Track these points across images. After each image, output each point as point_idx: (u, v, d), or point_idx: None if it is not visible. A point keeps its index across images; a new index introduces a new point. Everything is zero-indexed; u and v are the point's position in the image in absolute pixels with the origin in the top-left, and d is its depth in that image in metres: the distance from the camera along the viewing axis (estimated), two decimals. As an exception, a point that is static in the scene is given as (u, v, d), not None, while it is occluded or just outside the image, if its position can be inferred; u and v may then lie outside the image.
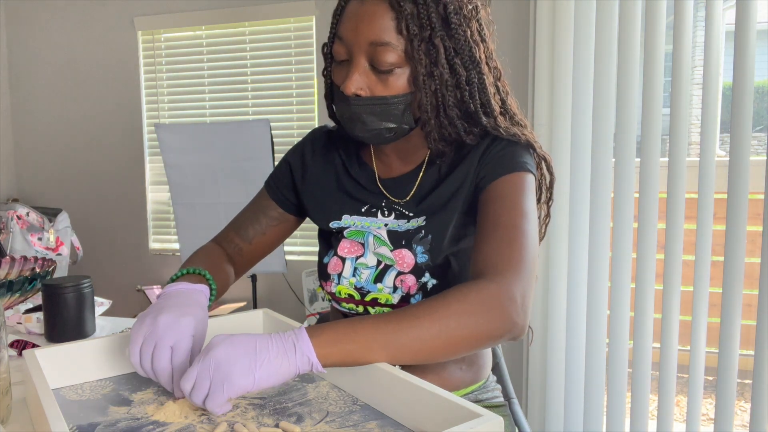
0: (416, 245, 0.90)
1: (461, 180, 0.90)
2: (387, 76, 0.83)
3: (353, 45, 0.83)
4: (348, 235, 0.95)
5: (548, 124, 1.93)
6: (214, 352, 0.65)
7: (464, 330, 0.70)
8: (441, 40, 0.83)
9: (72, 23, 3.00)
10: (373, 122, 0.86)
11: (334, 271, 0.96)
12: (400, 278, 0.90)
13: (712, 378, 1.80)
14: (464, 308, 0.71)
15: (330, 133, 1.06)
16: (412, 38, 0.81)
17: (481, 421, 0.56)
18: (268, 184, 1.07)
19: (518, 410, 1.12)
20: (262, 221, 1.05)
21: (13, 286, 1.06)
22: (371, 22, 0.81)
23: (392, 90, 0.84)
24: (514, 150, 0.89)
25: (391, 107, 0.85)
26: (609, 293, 1.89)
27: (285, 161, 1.07)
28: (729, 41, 1.71)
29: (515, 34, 2.10)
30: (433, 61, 0.83)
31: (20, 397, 0.77)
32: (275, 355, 0.66)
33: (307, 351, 0.67)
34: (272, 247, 1.07)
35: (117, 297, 1.56)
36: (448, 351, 0.72)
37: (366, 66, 0.84)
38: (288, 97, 2.75)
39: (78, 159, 3.08)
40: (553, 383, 1.98)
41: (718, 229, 1.71)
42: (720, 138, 2.35)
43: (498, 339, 0.73)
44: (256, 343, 0.66)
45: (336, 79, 0.88)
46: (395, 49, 0.82)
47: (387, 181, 0.97)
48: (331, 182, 1.01)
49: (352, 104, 0.85)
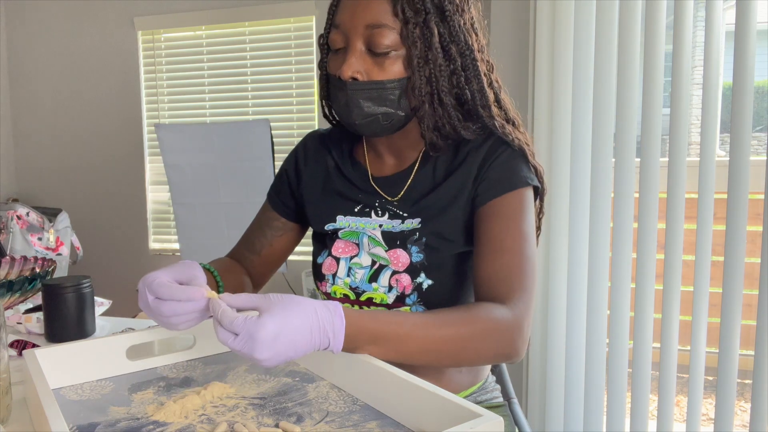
0: (411, 245, 0.90)
1: (460, 185, 0.90)
2: (383, 59, 0.85)
3: (350, 29, 0.85)
4: (342, 236, 0.96)
5: (548, 124, 1.93)
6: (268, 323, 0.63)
7: (479, 351, 0.77)
8: (435, 25, 0.85)
9: (72, 23, 3.00)
10: (369, 107, 0.86)
11: (329, 272, 0.96)
12: (395, 278, 0.90)
13: (712, 378, 1.80)
14: (486, 329, 0.77)
15: (323, 137, 1.06)
16: (407, 21, 0.83)
17: (481, 421, 0.56)
18: (269, 195, 1.09)
19: (518, 410, 1.12)
20: (267, 233, 1.06)
21: (13, 286, 1.06)
22: (367, 5, 0.84)
23: (388, 74, 0.85)
24: (515, 164, 0.90)
25: (387, 92, 0.85)
26: (609, 293, 1.89)
27: (282, 170, 1.08)
28: (729, 41, 1.71)
29: (515, 34, 2.10)
30: (428, 45, 0.84)
31: (20, 397, 0.77)
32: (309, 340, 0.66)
33: (335, 348, 0.68)
34: (283, 257, 1.09)
35: (117, 297, 1.55)
36: (452, 363, 0.82)
37: (362, 50, 0.85)
38: (288, 97, 2.75)
39: (78, 159, 3.08)
40: (553, 383, 1.98)
41: (718, 229, 1.71)
42: (720, 138, 2.35)
43: (497, 362, 0.84)
44: (307, 327, 0.65)
45: (332, 69, 0.89)
46: (391, 31, 0.83)
47: (380, 180, 0.97)
48: (324, 184, 1.01)
49: (349, 89, 0.85)
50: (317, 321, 0.66)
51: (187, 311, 0.71)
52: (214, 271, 0.94)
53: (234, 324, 0.63)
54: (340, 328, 0.68)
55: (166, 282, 0.72)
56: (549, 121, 1.93)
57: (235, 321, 0.63)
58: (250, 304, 0.67)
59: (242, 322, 0.63)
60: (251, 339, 0.62)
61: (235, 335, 0.63)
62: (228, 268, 1.02)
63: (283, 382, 0.79)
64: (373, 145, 0.99)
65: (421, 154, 0.95)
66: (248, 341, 0.62)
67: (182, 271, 0.76)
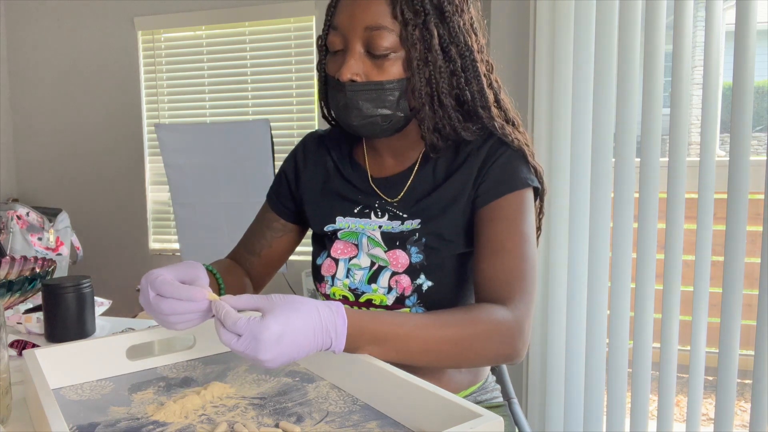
0: (410, 246, 0.90)
1: (460, 187, 0.90)
2: (382, 61, 0.84)
3: (349, 31, 0.84)
4: (342, 236, 0.95)
5: (548, 124, 1.93)
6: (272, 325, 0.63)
7: (479, 352, 0.78)
8: (435, 26, 0.84)
9: (72, 23, 3.00)
10: (369, 109, 0.86)
11: (328, 273, 0.96)
12: (395, 279, 0.90)
13: (712, 378, 1.80)
14: (487, 330, 0.77)
15: (322, 138, 1.06)
16: (406, 23, 0.83)
17: (481, 421, 0.56)
18: (269, 197, 1.09)
19: (518, 410, 1.12)
20: (267, 234, 1.06)
21: (13, 286, 1.06)
22: (367, 7, 0.83)
23: (387, 75, 0.85)
24: (515, 165, 0.90)
25: (387, 93, 0.85)
26: (609, 293, 1.89)
27: (281, 171, 1.08)
28: (729, 41, 1.71)
29: (515, 34, 2.10)
30: (427, 46, 0.84)
31: (20, 397, 0.77)
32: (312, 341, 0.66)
33: (337, 348, 0.68)
34: (282, 258, 1.09)
35: (117, 297, 1.55)
36: (453, 363, 0.83)
37: (361, 52, 0.85)
38: (288, 97, 2.75)
39: (78, 159, 3.08)
40: (553, 383, 1.98)
41: (718, 229, 1.71)
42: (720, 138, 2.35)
43: (497, 364, 0.85)
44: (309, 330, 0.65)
45: (331, 70, 0.89)
46: (390, 33, 0.83)
47: (380, 181, 0.97)
48: (323, 185, 1.01)
49: (348, 91, 0.85)
50: (320, 321, 0.66)
51: (187, 311, 0.71)
52: (215, 272, 0.94)
53: (237, 325, 0.63)
54: (342, 328, 0.68)
55: (169, 280, 0.72)
56: (549, 121, 1.93)
57: (239, 322, 0.63)
58: (253, 305, 0.67)
59: (245, 324, 0.63)
60: (255, 340, 0.62)
61: (239, 336, 0.63)
62: (228, 269, 1.02)
63: (283, 382, 0.79)
64: (373, 146, 0.98)
65: (420, 155, 0.95)
66: (252, 342, 0.62)
67: (186, 270, 0.76)
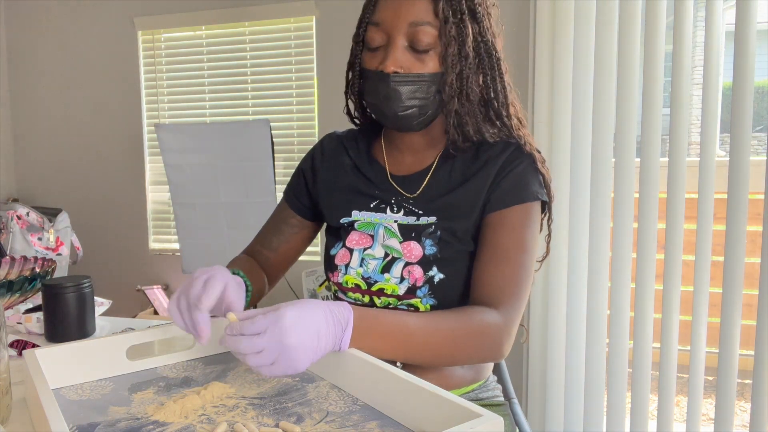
0: (425, 238, 0.93)
1: (477, 190, 0.94)
2: (423, 55, 0.90)
3: (393, 27, 0.89)
4: (358, 227, 0.98)
5: (548, 124, 1.93)
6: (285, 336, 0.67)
7: (470, 351, 0.84)
8: (470, 25, 0.90)
9: (72, 23, 3.00)
10: (409, 100, 0.91)
11: (342, 262, 0.98)
12: (408, 269, 0.93)
13: (712, 378, 1.80)
14: (479, 332, 0.83)
15: (340, 138, 1.09)
16: (446, 20, 0.88)
17: (481, 421, 0.56)
18: (286, 194, 1.13)
19: (518, 410, 1.13)
20: (284, 230, 1.10)
21: (13, 286, 1.06)
22: (412, 4, 0.89)
23: (427, 69, 0.90)
24: (529, 177, 0.94)
25: (426, 85, 0.91)
26: (609, 293, 1.89)
27: (299, 169, 1.12)
28: (729, 41, 1.71)
29: (515, 34, 2.10)
30: (462, 43, 0.90)
31: (20, 397, 0.77)
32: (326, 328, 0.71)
33: (346, 339, 0.73)
34: (298, 254, 1.14)
35: (117, 297, 1.55)
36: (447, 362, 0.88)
37: (405, 45, 0.90)
38: (288, 97, 2.75)
39: (78, 159, 3.08)
40: (553, 383, 1.98)
41: (718, 229, 1.71)
42: (720, 138, 2.35)
43: (483, 362, 0.91)
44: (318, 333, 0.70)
45: (370, 64, 0.93)
46: (432, 29, 0.88)
47: (398, 178, 1.00)
48: (340, 182, 1.04)
49: (392, 81, 0.90)
50: (329, 311, 0.72)
51: (187, 330, 0.76)
52: (244, 276, 0.96)
53: (256, 322, 0.67)
54: (349, 316, 0.73)
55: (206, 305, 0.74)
56: (549, 121, 1.93)
57: (256, 318, 0.67)
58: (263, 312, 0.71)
59: (263, 318, 0.67)
60: (276, 325, 0.66)
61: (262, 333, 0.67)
62: (251, 268, 1.05)
63: (283, 382, 0.79)
64: (394, 143, 1.02)
65: (439, 155, 0.99)
66: (274, 330, 0.66)
67: (232, 293, 0.78)
